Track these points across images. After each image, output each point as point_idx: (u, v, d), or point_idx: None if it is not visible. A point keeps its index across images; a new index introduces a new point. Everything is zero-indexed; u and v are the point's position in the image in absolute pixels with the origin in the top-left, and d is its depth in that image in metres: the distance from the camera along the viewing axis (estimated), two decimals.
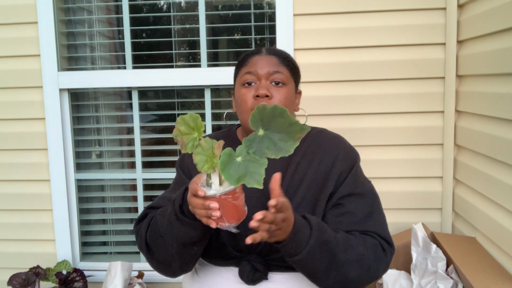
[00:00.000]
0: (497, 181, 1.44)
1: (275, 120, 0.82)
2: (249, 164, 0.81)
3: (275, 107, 0.82)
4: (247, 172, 0.81)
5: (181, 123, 0.85)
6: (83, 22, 2.11)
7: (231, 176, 0.80)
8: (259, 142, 0.82)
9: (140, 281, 1.90)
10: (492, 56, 1.47)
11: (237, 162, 0.82)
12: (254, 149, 0.82)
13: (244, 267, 1.06)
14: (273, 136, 0.82)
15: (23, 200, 2.01)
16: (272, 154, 0.82)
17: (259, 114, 0.82)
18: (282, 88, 1.11)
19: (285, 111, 0.82)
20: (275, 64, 1.13)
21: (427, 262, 1.49)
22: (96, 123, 2.16)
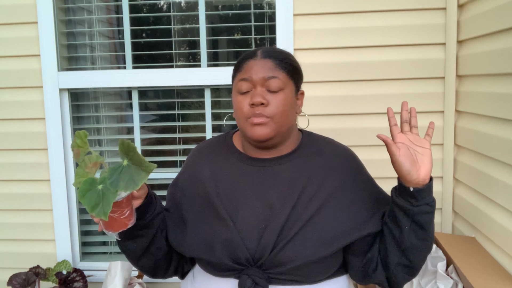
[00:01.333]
0: (497, 181, 1.44)
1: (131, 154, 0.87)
2: (105, 194, 0.85)
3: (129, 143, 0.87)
4: (99, 202, 0.85)
5: (77, 136, 0.92)
6: (83, 22, 2.11)
7: (87, 203, 0.84)
8: (120, 173, 0.87)
9: (140, 281, 1.90)
10: (492, 56, 1.47)
11: (97, 189, 0.86)
12: (112, 180, 0.86)
13: (244, 281, 1.04)
14: (131, 168, 0.87)
15: (23, 200, 2.01)
16: (122, 188, 0.86)
17: (122, 146, 0.87)
18: (279, 94, 1.07)
19: (135, 148, 0.87)
20: (271, 68, 1.07)
21: (427, 262, 1.49)
22: (96, 123, 2.16)
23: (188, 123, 2.11)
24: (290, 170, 1.10)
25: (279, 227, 1.04)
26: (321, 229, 1.05)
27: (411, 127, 1.09)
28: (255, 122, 1.05)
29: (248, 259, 1.05)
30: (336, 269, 1.10)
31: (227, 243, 1.06)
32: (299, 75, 1.15)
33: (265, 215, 1.07)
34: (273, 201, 1.07)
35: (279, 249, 1.03)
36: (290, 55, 1.14)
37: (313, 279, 1.07)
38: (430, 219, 1.02)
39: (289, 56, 1.13)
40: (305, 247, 1.03)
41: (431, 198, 1.02)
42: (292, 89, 1.11)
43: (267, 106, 1.06)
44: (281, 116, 1.07)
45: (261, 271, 1.04)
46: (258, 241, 1.04)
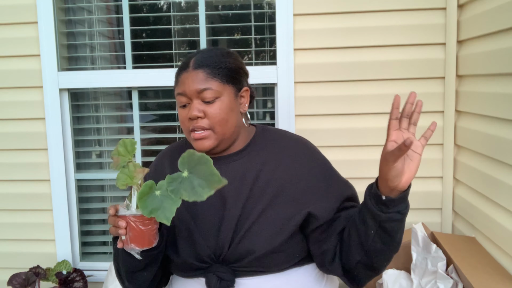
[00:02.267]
0: (497, 181, 1.44)
1: (200, 166, 0.90)
2: (165, 200, 0.88)
3: (202, 155, 0.89)
4: (160, 207, 0.88)
5: (121, 144, 0.96)
6: (83, 22, 2.11)
7: (145, 206, 0.88)
8: (180, 182, 0.90)
9: None
10: (492, 56, 1.47)
11: (155, 195, 0.89)
12: (173, 187, 0.89)
13: (210, 278, 1.07)
14: (193, 180, 0.90)
15: (23, 200, 2.01)
16: (186, 197, 0.89)
17: (187, 158, 0.90)
18: (215, 103, 1.08)
19: (210, 161, 0.89)
20: (202, 80, 1.07)
21: (427, 262, 1.49)
22: (96, 123, 2.16)
23: None
24: (242, 165, 1.12)
25: (234, 222, 1.07)
26: (273, 220, 1.07)
27: (410, 124, 1.04)
28: (196, 137, 1.09)
29: (210, 256, 1.08)
30: (301, 257, 1.12)
31: (189, 243, 1.09)
32: (238, 75, 1.14)
33: (221, 211, 1.10)
34: (227, 197, 1.09)
35: (237, 243, 1.06)
36: (225, 56, 1.13)
37: (278, 268, 1.09)
38: (398, 227, 0.99)
39: (223, 59, 1.12)
40: (260, 238, 1.06)
41: (404, 205, 0.97)
42: (230, 92, 1.11)
43: (204, 118, 1.08)
44: (220, 124, 1.09)
45: (225, 267, 1.08)
46: (216, 238, 1.08)
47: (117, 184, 0.92)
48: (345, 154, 1.86)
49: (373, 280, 1.68)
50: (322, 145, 1.86)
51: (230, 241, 1.07)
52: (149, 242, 0.95)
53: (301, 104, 1.85)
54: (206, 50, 1.15)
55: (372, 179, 1.92)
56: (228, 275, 1.06)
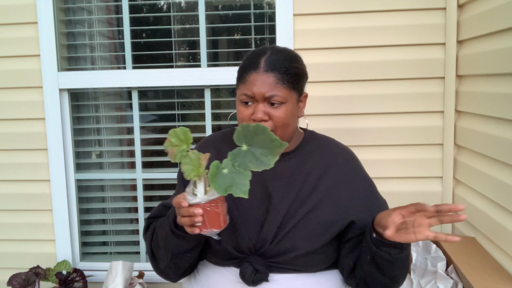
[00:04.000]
0: (497, 181, 1.44)
1: (257, 137, 0.90)
2: (235, 176, 0.89)
3: (257, 125, 0.90)
4: (233, 183, 0.89)
5: (172, 135, 0.96)
6: (83, 22, 2.11)
7: (219, 186, 0.88)
8: (243, 156, 0.91)
9: (140, 281, 1.90)
10: (492, 56, 1.47)
11: (224, 174, 0.89)
12: (238, 162, 0.90)
13: (246, 268, 1.08)
14: (255, 151, 0.91)
15: (23, 200, 2.01)
16: (254, 167, 0.90)
17: (243, 132, 0.91)
18: (280, 108, 1.08)
19: (266, 129, 0.90)
20: (272, 85, 1.07)
21: (427, 262, 1.49)
22: (96, 123, 2.16)
23: (188, 123, 2.11)
24: (291, 166, 1.15)
25: (279, 219, 1.09)
26: (317, 222, 1.10)
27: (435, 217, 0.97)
28: None
29: (250, 248, 1.10)
30: (332, 263, 1.16)
31: (231, 231, 1.10)
32: (303, 80, 1.15)
33: (265, 205, 1.12)
34: (273, 193, 1.12)
35: (279, 240, 1.08)
36: (294, 61, 1.13)
37: (312, 268, 1.12)
38: (391, 267, 1.02)
39: (292, 64, 1.11)
40: (303, 238, 1.09)
41: (398, 251, 1.00)
42: (294, 98, 1.11)
43: (268, 121, 1.08)
44: (282, 128, 1.10)
45: (262, 259, 1.09)
46: (259, 231, 1.10)
47: (189, 176, 0.90)
48: None
49: None
50: None
51: (273, 237, 1.09)
52: (225, 222, 0.97)
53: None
54: (275, 51, 1.13)
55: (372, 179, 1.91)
56: (263, 269, 1.08)
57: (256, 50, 1.15)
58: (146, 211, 2.06)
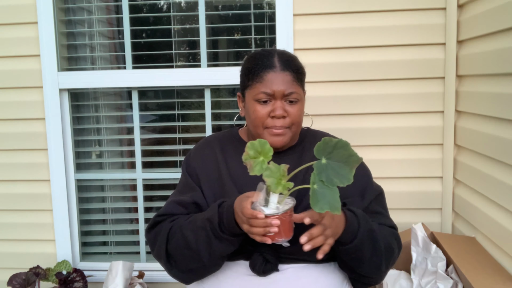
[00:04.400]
0: (497, 181, 1.44)
1: (336, 151, 0.92)
2: (326, 192, 0.90)
3: (339, 140, 0.91)
4: (327, 201, 0.90)
5: (250, 147, 0.96)
6: (83, 22, 2.11)
7: (316, 204, 0.89)
8: (326, 170, 0.92)
9: (140, 281, 1.90)
10: (492, 56, 1.47)
11: (316, 190, 0.90)
12: (324, 177, 0.91)
13: (256, 258, 1.10)
14: (333, 165, 0.92)
15: (23, 200, 2.01)
16: (339, 182, 0.90)
17: (324, 145, 0.92)
18: (296, 105, 1.15)
19: (348, 145, 0.91)
20: (290, 83, 1.13)
21: (427, 262, 1.49)
22: (96, 123, 2.16)
23: (188, 123, 2.11)
24: (293, 160, 1.19)
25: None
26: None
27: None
28: (275, 133, 1.15)
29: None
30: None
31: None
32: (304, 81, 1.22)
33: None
34: None
35: None
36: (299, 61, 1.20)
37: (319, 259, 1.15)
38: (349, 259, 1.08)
39: (300, 64, 1.20)
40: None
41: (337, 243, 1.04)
42: (303, 96, 1.19)
43: (286, 118, 1.15)
44: (297, 124, 1.17)
45: (272, 250, 1.11)
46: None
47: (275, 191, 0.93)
48: None
49: None
50: None
51: None
52: (292, 230, 1.00)
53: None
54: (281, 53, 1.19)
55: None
56: (273, 259, 1.11)
57: (261, 51, 1.20)
58: (146, 211, 2.06)
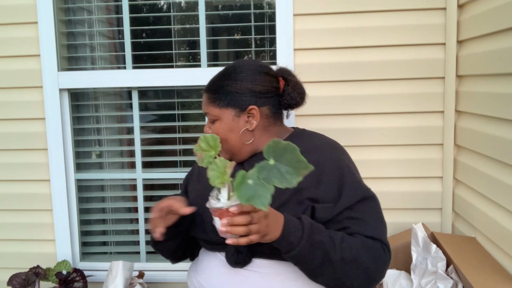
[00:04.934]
0: (497, 181, 1.44)
1: (286, 154, 0.92)
2: (258, 188, 0.92)
3: (288, 143, 0.92)
4: (255, 195, 0.91)
5: (203, 140, 1.00)
6: (83, 22, 2.11)
7: (242, 195, 0.91)
8: (269, 170, 0.93)
9: (141, 281, 1.90)
10: (492, 56, 1.47)
11: (248, 184, 0.92)
12: (263, 175, 0.92)
13: (229, 250, 1.16)
14: (281, 168, 0.93)
15: (23, 200, 2.01)
16: (278, 183, 0.92)
17: (273, 146, 0.93)
18: (215, 124, 1.23)
19: (296, 149, 0.92)
20: (205, 104, 1.25)
21: (427, 262, 1.49)
22: (96, 123, 2.16)
23: (188, 123, 2.11)
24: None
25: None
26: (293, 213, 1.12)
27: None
28: None
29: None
30: None
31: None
32: (241, 96, 1.21)
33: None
34: None
35: None
36: (228, 79, 1.22)
37: None
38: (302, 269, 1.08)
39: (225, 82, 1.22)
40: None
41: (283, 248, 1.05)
42: (230, 114, 1.21)
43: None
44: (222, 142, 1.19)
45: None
46: None
47: (214, 183, 0.95)
48: None
49: None
50: None
51: None
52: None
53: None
54: (218, 73, 1.27)
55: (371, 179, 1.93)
56: (246, 250, 1.14)
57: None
58: (146, 211, 2.06)
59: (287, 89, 1.28)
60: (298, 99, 1.31)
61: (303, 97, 1.33)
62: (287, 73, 1.32)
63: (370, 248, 1.10)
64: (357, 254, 1.07)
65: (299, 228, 1.04)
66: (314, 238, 1.04)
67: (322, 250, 1.04)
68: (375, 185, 1.84)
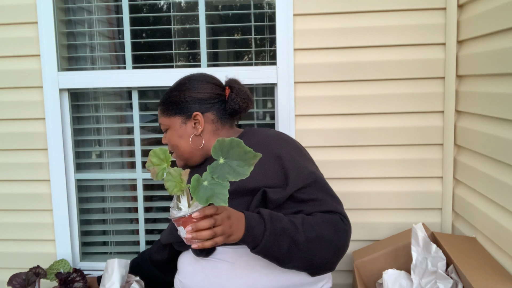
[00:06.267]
0: (497, 181, 1.44)
1: (232, 150, 0.97)
2: (215, 187, 0.95)
3: (232, 139, 0.96)
4: (213, 194, 0.94)
5: (153, 155, 1.03)
6: (83, 22, 2.11)
7: (201, 197, 0.94)
8: (221, 168, 0.97)
9: (137, 279, 1.89)
10: (492, 56, 1.47)
11: (204, 186, 0.95)
12: (217, 174, 0.96)
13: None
14: (231, 163, 0.97)
15: (23, 200, 2.01)
16: (232, 178, 0.96)
17: (219, 146, 0.97)
18: (168, 133, 1.38)
19: (241, 142, 0.96)
20: (159, 116, 1.40)
21: (427, 262, 1.49)
22: (96, 123, 2.16)
23: None
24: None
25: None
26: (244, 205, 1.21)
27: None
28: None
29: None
30: None
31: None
32: (186, 104, 1.34)
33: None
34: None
35: None
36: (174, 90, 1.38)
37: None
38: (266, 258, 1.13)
39: (171, 93, 1.37)
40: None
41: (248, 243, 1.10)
42: (176, 122, 1.36)
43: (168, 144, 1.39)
44: (174, 149, 1.37)
45: None
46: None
47: (172, 192, 0.97)
48: (345, 154, 1.86)
49: (373, 280, 1.68)
50: (322, 145, 1.86)
51: None
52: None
53: (301, 104, 1.85)
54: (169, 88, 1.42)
55: (372, 179, 1.93)
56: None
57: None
58: (146, 211, 2.06)
59: (231, 95, 1.37)
60: (242, 104, 1.38)
61: (247, 102, 1.39)
62: (234, 82, 1.42)
63: (330, 221, 1.16)
64: (319, 231, 1.13)
65: (260, 221, 1.08)
66: (276, 226, 1.09)
67: (287, 236, 1.09)
68: (375, 185, 1.85)
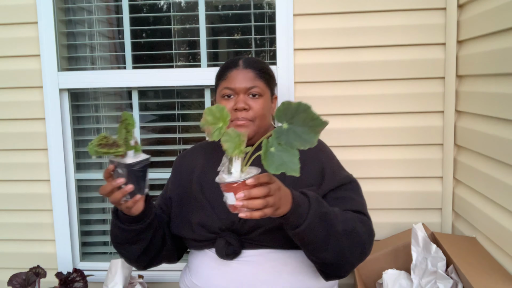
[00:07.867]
0: (497, 181, 1.44)
1: (299, 115, 0.88)
2: (283, 154, 0.88)
3: (299, 103, 0.88)
4: (283, 162, 0.87)
5: (208, 113, 0.93)
6: (83, 22, 2.11)
7: (270, 164, 0.86)
8: (286, 134, 0.89)
9: (141, 281, 1.90)
10: (492, 56, 1.47)
11: (272, 152, 0.88)
12: (283, 140, 0.88)
13: (219, 242, 1.19)
14: (296, 129, 0.89)
15: (23, 200, 2.01)
16: (299, 146, 0.88)
17: (284, 109, 0.88)
18: (259, 99, 1.26)
19: (309, 108, 0.88)
20: (251, 78, 1.26)
21: (427, 262, 1.49)
22: (96, 123, 2.16)
23: (188, 123, 2.11)
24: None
25: None
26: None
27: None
28: (238, 124, 1.24)
29: (221, 227, 1.21)
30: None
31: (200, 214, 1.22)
32: (274, 83, 1.36)
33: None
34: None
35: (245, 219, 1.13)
36: (267, 65, 1.34)
37: (285, 245, 1.18)
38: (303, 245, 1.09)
39: (266, 66, 1.33)
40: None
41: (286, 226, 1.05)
42: (268, 95, 1.31)
43: (249, 110, 1.25)
44: (260, 118, 1.26)
45: (235, 235, 1.18)
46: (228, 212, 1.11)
47: (232, 154, 0.90)
48: (345, 154, 1.86)
49: (373, 280, 1.68)
50: None
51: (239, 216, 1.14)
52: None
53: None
54: (251, 57, 1.34)
55: (371, 179, 1.93)
56: (236, 242, 1.18)
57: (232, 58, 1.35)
58: None
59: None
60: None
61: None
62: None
63: (362, 220, 1.16)
64: (354, 226, 1.11)
65: (306, 200, 1.05)
66: (320, 210, 1.05)
67: (327, 222, 1.06)
68: (375, 185, 1.85)
